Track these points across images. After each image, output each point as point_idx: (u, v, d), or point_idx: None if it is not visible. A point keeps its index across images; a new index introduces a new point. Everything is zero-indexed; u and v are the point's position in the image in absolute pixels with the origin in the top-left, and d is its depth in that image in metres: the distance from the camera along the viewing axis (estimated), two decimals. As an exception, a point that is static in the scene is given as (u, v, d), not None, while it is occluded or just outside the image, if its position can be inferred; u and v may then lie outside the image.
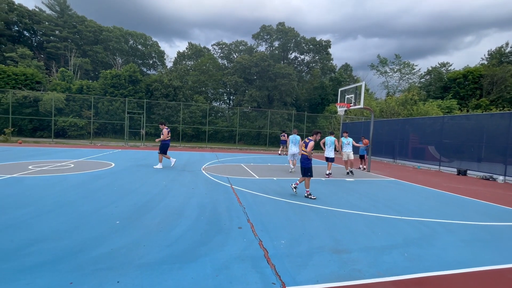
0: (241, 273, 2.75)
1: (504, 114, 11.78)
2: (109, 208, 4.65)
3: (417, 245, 3.75)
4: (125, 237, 3.49)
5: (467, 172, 12.27)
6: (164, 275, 2.63)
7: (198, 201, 5.41)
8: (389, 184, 8.81)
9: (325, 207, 5.49)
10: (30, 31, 36.02)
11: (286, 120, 30.24)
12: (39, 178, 6.83)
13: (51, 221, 3.91)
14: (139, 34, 42.76)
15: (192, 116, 28.09)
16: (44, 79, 26.29)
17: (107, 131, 26.82)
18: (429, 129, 15.35)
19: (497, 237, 4.28)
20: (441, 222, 4.85)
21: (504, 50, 35.81)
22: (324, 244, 3.61)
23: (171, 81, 29.04)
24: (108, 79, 27.01)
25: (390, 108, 24.83)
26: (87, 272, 2.61)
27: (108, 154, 13.53)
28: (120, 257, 2.94)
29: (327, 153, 9.81)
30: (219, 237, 3.66)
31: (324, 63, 40.93)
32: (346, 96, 12.45)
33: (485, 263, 3.28)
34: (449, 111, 26.19)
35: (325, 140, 9.94)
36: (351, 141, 10.79)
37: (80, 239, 3.36)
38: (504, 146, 11.15)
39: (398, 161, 17.02)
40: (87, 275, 2.56)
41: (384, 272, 2.91)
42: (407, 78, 40.27)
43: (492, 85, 31.03)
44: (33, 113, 22.92)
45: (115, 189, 6.06)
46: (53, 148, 15.27)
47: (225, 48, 41.66)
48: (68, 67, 32.49)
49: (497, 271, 3.13)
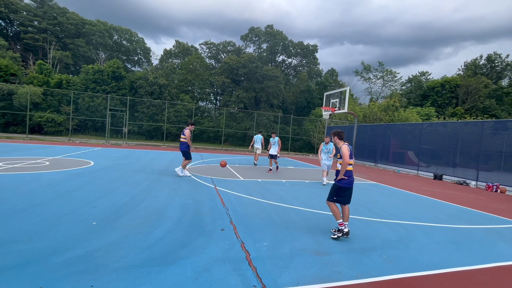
0: (222, 275, 2.71)
1: (477, 122, 12.47)
2: (86, 209, 4.46)
3: (395, 247, 3.86)
4: (101, 238, 3.35)
5: (443, 176, 12.85)
6: (141, 278, 2.54)
7: (181, 202, 5.30)
8: (371, 187, 9.06)
9: (308, 209, 5.55)
10: (5, 20, 34.09)
11: (273, 122, 30.41)
12: (10, 176, 6.44)
13: (21, 222, 3.69)
14: (124, 30, 41.59)
15: (178, 116, 27.61)
16: (19, 72, 24.92)
17: (87, 128, 25.82)
18: (409, 135, 15.97)
19: (469, 239, 4.49)
20: (418, 225, 5.03)
21: (479, 62, 38.06)
22: (306, 246, 3.64)
23: (156, 79, 28.43)
24: (90, 74, 26.04)
25: (373, 113, 25.59)
26: (59, 276, 2.48)
27: (87, 152, 13.00)
28: (95, 260, 2.81)
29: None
30: (201, 239, 3.60)
31: (311, 67, 41.66)
32: (331, 100, 12.72)
33: (457, 265, 3.44)
34: (427, 118, 27.38)
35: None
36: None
37: (52, 241, 3.19)
38: (476, 152, 11.79)
39: (379, 165, 17.56)
40: (58, 279, 2.43)
41: (363, 274, 2.97)
42: (390, 85, 41.84)
43: (467, 94, 32.81)
44: (6, 107, 21.64)
45: (93, 189, 5.82)
46: (28, 145, 14.48)
47: (213, 48, 41.36)
48: (46, 60, 31.03)
49: (469, 272, 3.28)
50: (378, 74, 41.43)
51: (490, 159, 11.49)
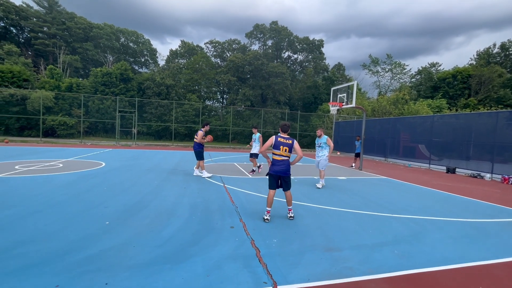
0: (233, 272, 2.73)
1: (491, 113, 12.08)
2: (99, 209, 4.56)
3: (407, 242, 3.80)
4: (114, 238, 3.43)
5: (456, 170, 12.54)
6: (154, 276, 2.59)
7: (190, 201, 5.36)
8: (381, 182, 8.92)
9: (317, 205, 5.52)
10: (17, 27, 35.04)
11: (280, 119, 30.29)
12: (26, 178, 6.66)
13: (37, 222, 3.81)
14: (130, 32, 42.12)
15: (185, 115, 27.85)
16: (32, 77, 25.60)
17: (98, 130, 26.35)
18: (419, 128, 15.62)
19: (484, 233, 4.38)
20: (430, 220, 4.94)
21: (492, 51, 36.75)
22: (315, 242, 3.62)
23: (163, 80, 28.71)
24: (98, 77, 26.51)
25: (382, 107, 25.16)
26: (75, 274, 2.55)
27: (98, 153, 13.29)
28: (109, 259, 2.88)
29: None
30: (210, 236, 3.64)
31: (317, 62, 41.17)
32: (338, 95, 12.54)
33: (472, 259, 3.36)
34: (438, 111, 26.72)
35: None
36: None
37: (67, 240, 3.29)
38: (491, 144, 11.44)
39: (390, 159, 17.27)
40: (74, 277, 2.50)
41: (375, 270, 2.94)
42: (398, 77, 40.86)
43: (480, 85, 31.80)
44: (20, 112, 22.30)
45: (105, 189, 5.95)
46: (42, 148, 14.91)
47: (218, 47, 41.41)
48: (57, 64, 31.74)
49: (484, 267, 3.20)
50: (387, 67, 40.50)
51: (506, 150, 11.11)
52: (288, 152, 4.38)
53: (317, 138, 7.72)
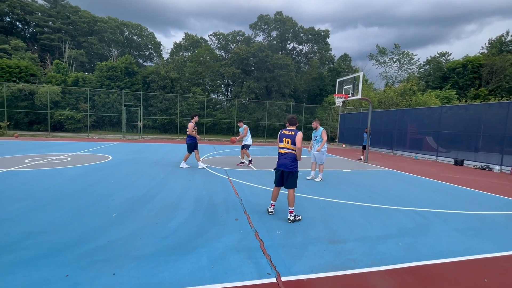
0: (237, 264, 2.77)
1: (502, 103, 11.77)
2: (106, 201, 4.65)
3: (412, 234, 3.79)
4: (121, 229, 3.50)
5: (464, 162, 12.34)
6: (160, 266, 2.65)
7: (195, 194, 5.42)
8: (386, 174, 8.85)
9: (322, 198, 5.52)
10: (22, 22, 35.27)
11: (285, 111, 30.11)
12: (35, 172, 6.81)
13: (47, 215, 3.91)
14: (134, 25, 41.98)
15: (190, 108, 27.91)
16: (38, 72, 25.90)
17: (104, 124, 26.66)
18: (427, 120, 15.35)
19: (491, 226, 4.32)
20: (436, 212, 4.90)
21: (505, 39, 35.45)
22: (319, 234, 3.64)
23: (168, 73, 28.70)
24: (104, 71, 26.66)
25: (389, 98, 24.74)
26: (83, 264, 2.63)
27: (105, 147, 13.48)
28: (116, 250, 2.95)
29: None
30: (215, 228, 3.68)
31: (322, 53, 40.50)
32: (344, 86, 12.36)
33: (478, 252, 3.33)
34: (447, 101, 26.15)
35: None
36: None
37: (76, 232, 3.37)
38: (501, 135, 11.19)
39: (396, 151, 17.08)
40: (83, 267, 2.58)
41: (378, 262, 2.95)
42: (406, 68, 40.01)
43: (491, 74, 30.87)
44: (29, 107, 22.68)
45: (112, 182, 6.05)
46: (50, 142, 15.19)
47: (222, 39, 41.03)
48: (62, 59, 31.97)
49: (490, 259, 3.17)
50: (394, 57, 39.65)
51: (516, 142, 10.86)
52: (291, 145, 4.19)
53: (314, 131, 7.42)
